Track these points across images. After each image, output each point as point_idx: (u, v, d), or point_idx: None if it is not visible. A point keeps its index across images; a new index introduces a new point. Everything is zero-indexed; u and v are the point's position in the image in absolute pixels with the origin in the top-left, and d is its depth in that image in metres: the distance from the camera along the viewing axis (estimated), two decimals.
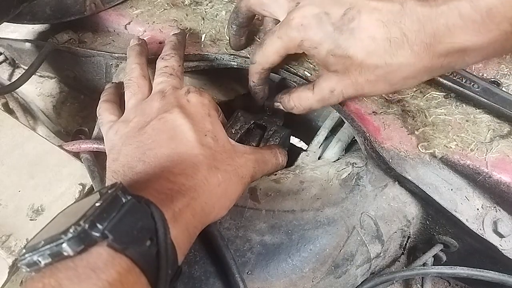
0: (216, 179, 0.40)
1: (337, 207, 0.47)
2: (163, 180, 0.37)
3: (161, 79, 0.48)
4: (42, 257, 0.27)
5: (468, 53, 0.38)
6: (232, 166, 0.43)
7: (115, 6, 0.66)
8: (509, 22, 0.35)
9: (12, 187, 0.46)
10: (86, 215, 0.28)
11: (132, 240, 0.29)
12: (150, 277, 0.29)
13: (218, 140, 0.43)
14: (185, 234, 0.35)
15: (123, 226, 0.29)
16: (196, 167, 0.39)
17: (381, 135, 0.48)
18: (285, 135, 0.54)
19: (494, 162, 0.45)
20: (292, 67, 0.53)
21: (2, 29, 0.72)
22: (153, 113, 0.44)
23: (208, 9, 0.64)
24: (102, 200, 0.29)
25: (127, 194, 0.30)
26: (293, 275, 0.42)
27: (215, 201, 0.40)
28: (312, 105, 0.48)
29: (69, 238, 0.26)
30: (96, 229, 0.27)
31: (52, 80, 0.74)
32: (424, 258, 0.50)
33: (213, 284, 0.40)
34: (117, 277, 0.27)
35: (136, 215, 0.30)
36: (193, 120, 0.43)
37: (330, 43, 0.41)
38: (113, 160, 0.42)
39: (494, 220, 0.45)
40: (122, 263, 0.28)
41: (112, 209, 0.29)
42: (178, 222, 0.34)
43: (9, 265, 0.42)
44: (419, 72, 0.41)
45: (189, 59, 0.57)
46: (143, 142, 0.41)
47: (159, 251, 0.30)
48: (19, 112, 0.68)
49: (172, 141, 0.41)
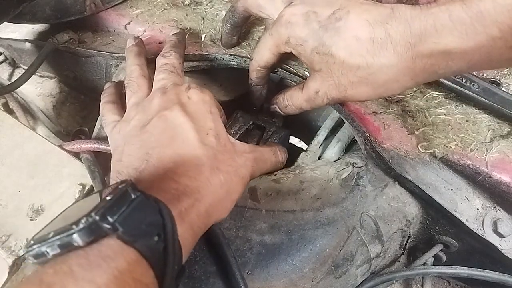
0: (219, 181, 0.40)
1: (337, 207, 0.47)
2: (168, 180, 0.37)
3: (161, 75, 0.48)
4: (51, 248, 0.28)
5: (452, 57, 0.38)
6: (233, 167, 0.42)
7: (115, 6, 0.66)
8: (498, 27, 0.35)
9: (12, 187, 0.46)
10: (98, 207, 0.28)
11: (141, 234, 0.29)
12: (157, 271, 0.29)
13: (220, 139, 0.43)
14: (190, 233, 0.36)
15: (132, 220, 0.29)
16: (198, 169, 0.39)
17: (381, 135, 0.48)
18: (284, 135, 0.54)
19: (494, 162, 0.45)
20: (292, 67, 0.53)
21: (2, 29, 0.72)
22: (154, 110, 0.44)
23: (208, 9, 0.64)
24: (112, 195, 0.29)
25: (137, 191, 0.31)
26: (293, 275, 0.42)
27: (218, 203, 0.40)
28: (302, 104, 0.49)
29: (80, 228, 0.27)
30: (106, 221, 0.28)
31: (52, 80, 0.74)
32: (424, 258, 0.50)
33: (213, 284, 0.40)
34: (126, 267, 0.27)
35: (145, 210, 0.31)
36: (193, 119, 0.42)
37: (314, 41, 0.42)
38: (117, 160, 0.42)
39: (494, 220, 0.45)
40: (131, 255, 0.28)
41: (122, 203, 0.29)
42: (184, 221, 0.35)
43: (9, 265, 0.41)
44: (401, 74, 0.40)
45: (189, 59, 0.57)
46: (145, 141, 0.41)
47: (167, 247, 0.30)
48: (19, 112, 0.68)
49: (174, 141, 0.41)
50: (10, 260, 0.42)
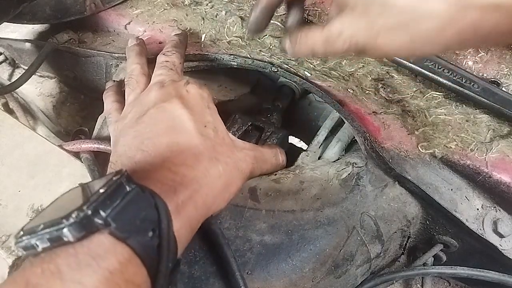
0: (217, 171, 0.39)
1: (337, 207, 0.47)
2: (165, 170, 0.36)
3: (160, 71, 0.47)
4: (40, 241, 0.26)
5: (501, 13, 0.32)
6: (232, 159, 0.42)
7: (115, 6, 0.66)
8: None
9: (12, 187, 0.46)
10: (90, 201, 0.27)
11: (135, 229, 0.28)
12: (150, 269, 0.28)
13: (218, 132, 0.43)
14: (186, 227, 0.35)
15: (126, 214, 0.28)
16: (196, 158, 0.38)
17: (381, 135, 0.48)
18: (282, 136, 0.54)
19: (494, 162, 0.45)
20: (292, 67, 0.53)
21: (2, 29, 0.72)
22: (151, 102, 0.43)
23: (208, 9, 0.64)
24: (106, 187, 0.28)
25: (132, 183, 0.30)
26: (293, 275, 0.42)
27: (216, 193, 0.39)
28: (315, 44, 0.41)
29: (70, 223, 0.26)
30: (99, 216, 0.27)
31: (52, 80, 0.74)
32: (424, 258, 0.50)
33: (213, 284, 0.40)
34: (117, 266, 0.26)
35: (139, 204, 0.29)
36: (192, 111, 0.42)
37: None
38: (112, 152, 0.42)
39: (494, 220, 0.45)
40: (124, 252, 0.27)
41: (116, 197, 0.28)
42: (181, 215, 0.34)
43: (9, 265, 0.41)
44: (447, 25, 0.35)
45: (189, 59, 0.57)
46: (141, 131, 0.40)
47: (161, 244, 0.29)
48: (19, 112, 0.68)
49: (171, 130, 0.40)
50: (10, 260, 0.42)
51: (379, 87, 0.52)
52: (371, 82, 0.53)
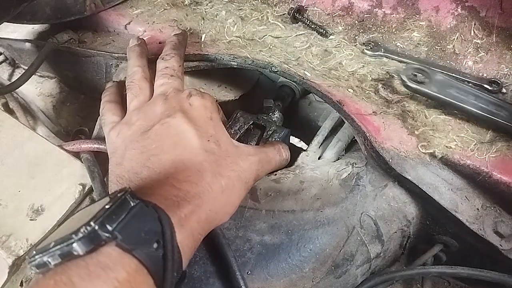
0: (220, 186, 0.40)
1: (337, 207, 0.47)
2: (169, 187, 0.38)
3: (162, 81, 0.48)
4: (52, 258, 0.28)
5: None
6: (235, 172, 0.43)
7: (115, 6, 0.66)
8: None
9: (12, 187, 0.46)
10: (96, 216, 0.29)
11: (140, 241, 0.30)
12: (156, 279, 0.30)
13: (221, 144, 0.43)
14: (190, 239, 0.36)
15: (131, 227, 0.30)
16: (200, 174, 0.40)
17: (381, 135, 0.48)
18: (284, 134, 0.54)
19: (494, 162, 0.45)
20: (292, 67, 0.53)
21: (2, 29, 0.72)
22: (156, 117, 0.44)
23: (208, 9, 0.64)
24: (111, 203, 0.30)
25: (136, 198, 0.31)
26: (293, 275, 0.42)
27: (219, 208, 0.40)
28: None
29: (79, 237, 0.27)
30: (105, 229, 0.28)
31: (52, 80, 0.74)
32: (424, 258, 0.50)
33: (213, 284, 0.40)
34: (126, 277, 0.27)
35: (144, 218, 0.31)
36: (196, 125, 0.43)
37: None
38: (117, 164, 0.42)
39: (494, 220, 0.45)
40: (131, 263, 0.28)
41: (121, 212, 0.30)
42: (184, 227, 0.35)
43: (9, 265, 0.41)
44: None
45: (189, 59, 0.57)
46: (147, 147, 0.42)
47: (166, 254, 0.31)
48: (19, 112, 0.68)
49: (176, 147, 0.41)
50: (10, 260, 0.42)
51: (379, 87, 0.52)
52: (371, 82, 0.53)
